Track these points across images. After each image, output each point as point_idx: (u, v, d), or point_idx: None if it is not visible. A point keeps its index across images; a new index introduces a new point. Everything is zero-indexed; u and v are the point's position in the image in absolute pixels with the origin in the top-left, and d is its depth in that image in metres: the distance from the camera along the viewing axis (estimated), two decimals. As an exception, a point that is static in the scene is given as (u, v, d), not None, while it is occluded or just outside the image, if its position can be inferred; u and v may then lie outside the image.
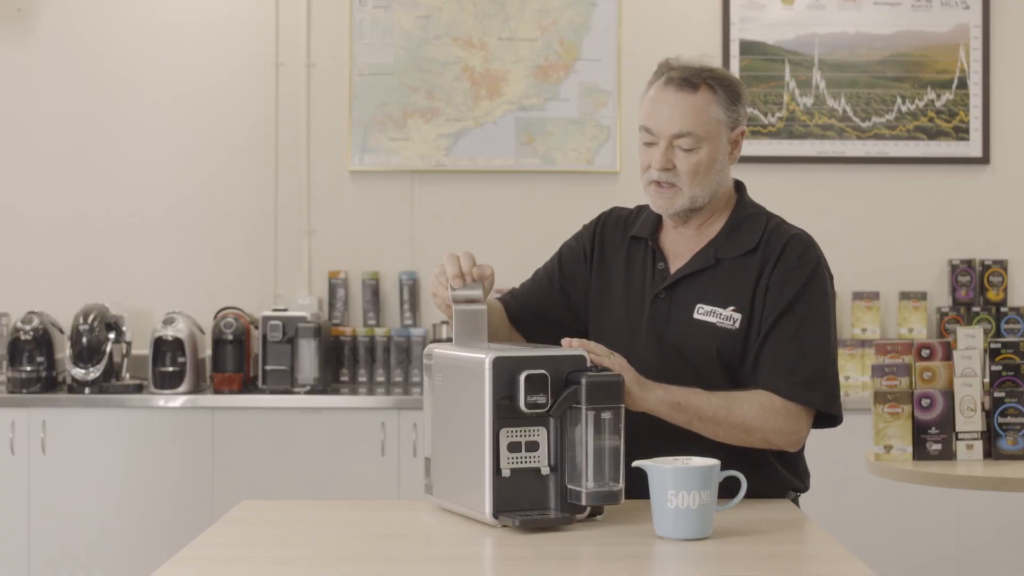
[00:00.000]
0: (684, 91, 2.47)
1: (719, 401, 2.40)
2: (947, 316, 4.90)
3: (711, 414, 2.38)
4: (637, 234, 2.62)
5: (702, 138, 2.47)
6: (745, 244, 2.52)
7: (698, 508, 2.10)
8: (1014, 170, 5.02)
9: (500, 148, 4.97)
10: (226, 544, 2.13)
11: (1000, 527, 4.45)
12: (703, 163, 2.47)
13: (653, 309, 2.53)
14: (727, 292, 2.49)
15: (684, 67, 2.50)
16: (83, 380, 4.59)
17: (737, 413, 2.40)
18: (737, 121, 2.52)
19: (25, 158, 5.00)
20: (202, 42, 5.00)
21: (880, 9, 4.99)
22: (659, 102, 2.49)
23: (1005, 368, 3.42)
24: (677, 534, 2.12)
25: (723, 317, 2.48)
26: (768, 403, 2.42)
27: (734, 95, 2.51)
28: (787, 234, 2.52)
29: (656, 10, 5.01)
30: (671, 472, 2.12)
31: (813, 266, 2.49)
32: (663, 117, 2.47)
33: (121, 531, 4.47)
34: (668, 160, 2.48)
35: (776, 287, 2.47)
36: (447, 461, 2.28)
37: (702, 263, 2.52)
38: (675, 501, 2.10)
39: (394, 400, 4.52)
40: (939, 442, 3.34)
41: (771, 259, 2.49)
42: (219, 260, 5.00)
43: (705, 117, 2.47)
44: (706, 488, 2.11)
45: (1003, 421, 3.36)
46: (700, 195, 2.50)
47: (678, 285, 2.53)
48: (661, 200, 2.51)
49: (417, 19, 4.97)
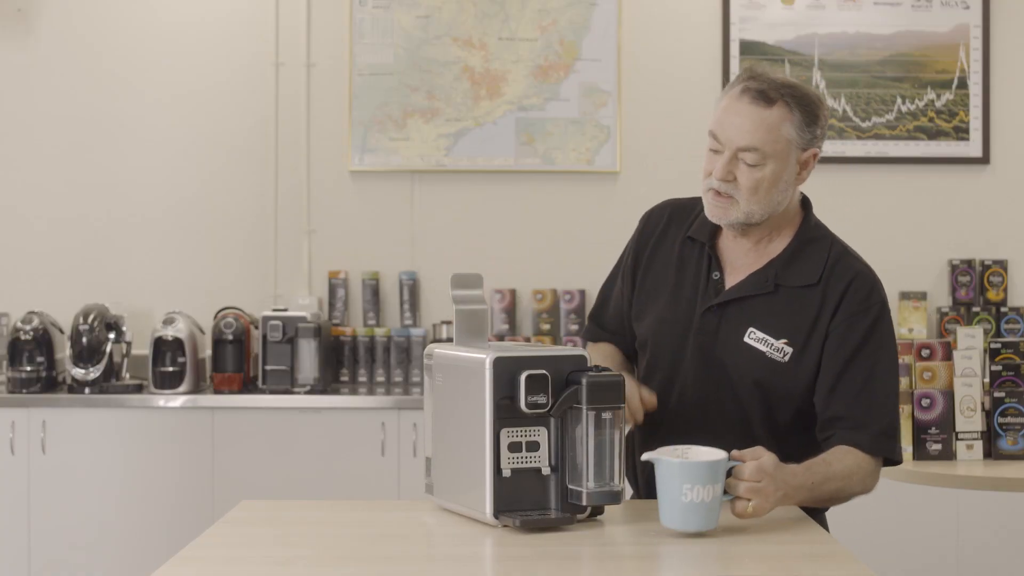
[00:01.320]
0: (759, 104, 2.38)
1: (830, 471, 2.36)
2: (947, 316, 4.90)
3: (834, 488, 2.36)
4: (694, 235, 2.54)
5: (768, 155, 2.38)
6: (807, 275, 2.44)
7: (709, 501, 2.12)
8: (1014, 170, 5.02)
9: (500, 148, 4.97)
10: (226, 544, 2.13)
11: (1000, 527, 4.45)
12: (765, 180, 2.39)
13: (703, 321, 2.47)
14: (782, 323, 2.42)
15: (764, 78, 2.40)
16: (83, 380, 4.59)
17: (846, 481, 2.37)
18: (811, 142, 2.42)
19: (25, 158, 5.00)
20: (202, 42, 5.00)
21: (880, 9, 4.99)
22: (731, 111, 2.40)
23: (1005, 368, 3.42)
24: (685, 527, 2.14)
25: (774, 348, 2.42)
26: (856, 460, 2.38)
27: (811, 116, 2.40)
28: (851, 271, 2.44)
29: (656, 10, 5.01)
30: (679, 467, 2.13)
31: (878, 309, 2.42)
32: (732, 127, 2.39)
33: (121, 531, 4.47)
34: (730, 172, 2.39)
35: (840, 332, 2.40)
36: (447, 461, 2.28)
37: (760, 287, 2.45)
38: (690, 495, 2.11)
39: (394, 400, 4.52)
40: (939, 442, 3.34)
41: (833, 298, 2.41)
42: (219, 260, 5.00)
43: (775, 135, 2.38)
44: (716, 482, 2.13)
45: (1003, 421, 3.36)
46: (757, 212, 2.41)
47: (732, 303, 2.46)
48: (716, 209, 2.43)
49: (417, 19, 4.97)
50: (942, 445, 3.34)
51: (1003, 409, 3.36)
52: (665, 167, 4.97)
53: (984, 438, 3.36)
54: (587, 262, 4.95)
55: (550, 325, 4.94)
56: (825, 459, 2.37)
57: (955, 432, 3.35)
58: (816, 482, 2.32)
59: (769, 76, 2.41)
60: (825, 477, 2.34)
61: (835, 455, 2.38)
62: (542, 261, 5.01)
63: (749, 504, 2.19)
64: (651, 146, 5.00)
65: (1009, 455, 3.35)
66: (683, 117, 5.00)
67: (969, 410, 3.35)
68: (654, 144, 5.00)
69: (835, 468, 2.36)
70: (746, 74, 2.43)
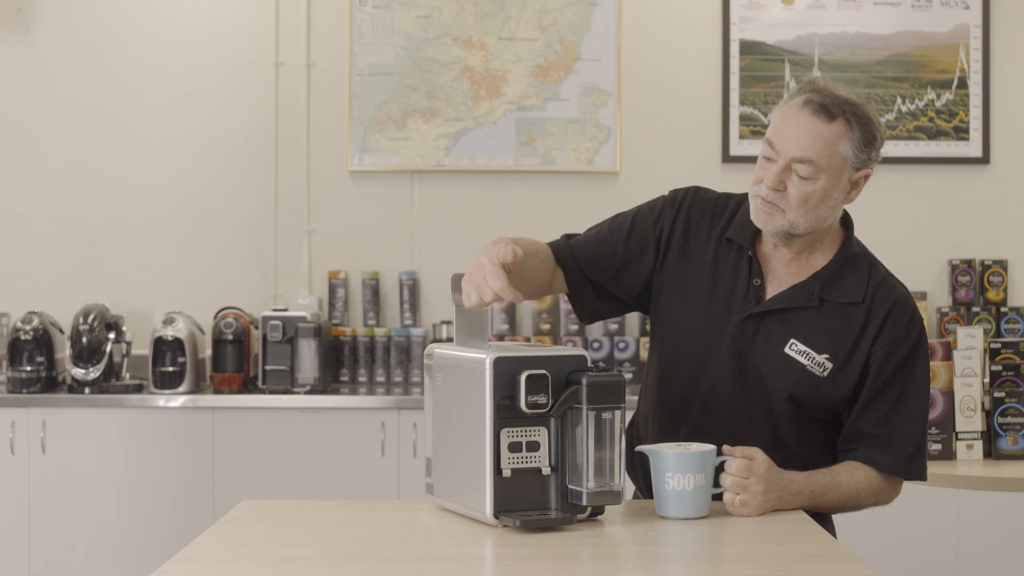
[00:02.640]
0: (819, 117, 2.36)
1: (835, 482, 2.40)
2: (947, 316, 4.90)
3: (838, 499, 2.40)
4: (734, 237, 2.50)
5: (822, 169, 2.36)
6: (851, 293, 2.44)
7: (691, 490, 2.23)
8: (1014, 170, 5.02)
9: (500, 148, 4.97)
10: (226, 544, 2.13)
11: (1000, 527, 4.45)
12: (815, 195, 2.37)
13: (741, 327, 2.45)
14: (825, 338, 2.42)
15: (827, 92, 2.38)
16: (83, 380, 4.59)
17: (853, 494, 2.42)
18: (865, 163, 2.40)
19: (25, 158, 5.00)
20: (202, 42, 5.00)
21: (880, 9, 4.99)
22: (790, 121, 2.38)
23: (1005, 368, 3.42)
24: (666, 513, 2.25)
25: (815, 362, 2.41)
26: (868, 476, 2.42)
27: (869, 136, 2.38)
28: (893, 294, 2.45)
29: (656, 10, 5.01)
30: (663, 456, 2.25)
31: (918, 334, 2.44)
32: (790, 137, 2.36)
33: (121, 531, 4.47)
34: (781, 181, 2.37)
35: (882, 355, 2.42)
36: (448, 461, 2.28)
37: (805, 300, 2.44)
38: (672, 483, 2.23)
39: (394, 400, 4.52)
40: (939, 442, 3.34)
41: (876, 320, 2.42)
42: (219, 260, 5.00)
43: (832, 150, 2.36)
44: (698, 472, 2.23)
45: (1003, 421, 3.36)
46: (802, 224, 2.40)
47: (773, 313, 2.44)
48: (762, 215, 2.41)
49: (417, 19, 4.97)
50: (942, 445, 3.34)
51: (1003, 409, 3.36)
52: (665, 167, 4.97)
53: (984, 438, 3.36)
54: (587, 262, 4.94)
55: (550, 325, 4.94)
56: (832, 470, 2.40)
57: (955, 432, 3.35)
58: (817, 491, 2.36)
59: (832, 91, 2.39)
60: (827, 487, 2.37)
61: (845, 468, 2.41)
62: (542, 261, 5.00)
63: (736, 498, 2.26)
64: (651, 146, 5.00)
65: (1009, 455, 3.35)
66: (683, 117, 5.00)
67: (969, 410, 3.35)
68: (654, 144, 5.00)
69: (841, 479, 2.39)
70: (809, 86, 2.41)
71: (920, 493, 4.28)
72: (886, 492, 2.45)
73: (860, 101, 2.41)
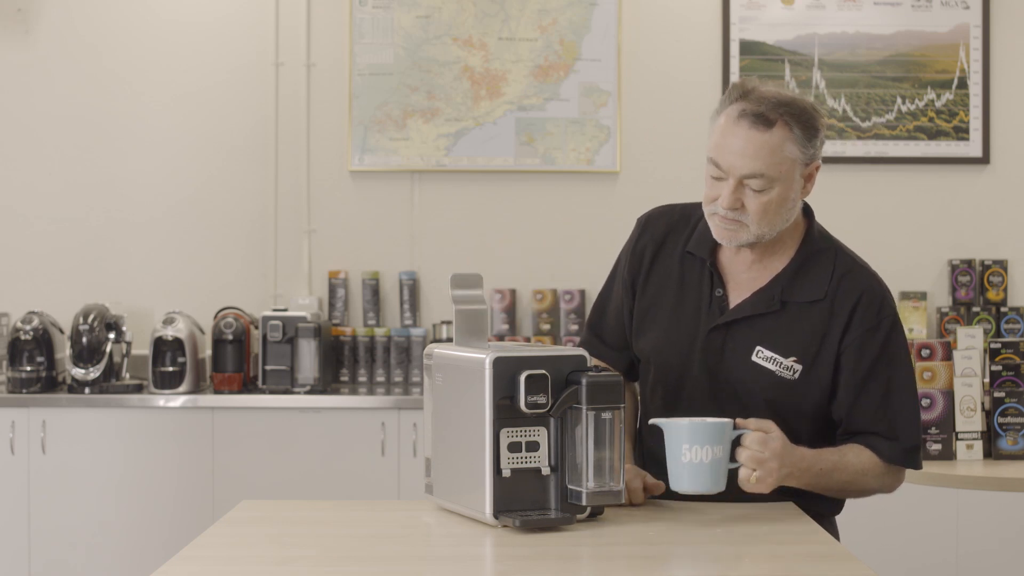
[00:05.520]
0: (758, 128, 2.30)
1: (843, 461, 2.37)
2: (947, 316, 4.90)
3: (844, 479, 2.37)
4: (694, 251, 2.48)
5: (774, 179, 2.32)
6: (813, 291, 2.40)
7: (708, 462, 2.19)
8: (1014, 170, 5.02)
9: (500, 148, 4.97)
10: (226, 544, 2.13)
11: (1000, 527, 4.45)
12: (773, 203, 2.33)
13: (708, 340, 2.42)
14: (790, 341, 2.39)
15: (760, 98, 2.33)
16: (83, 380, 4.59)
17: (859, 475, 2.39)
18: (813, 156, 2.36)
19: (25, 158, 5.00)
20: (202, 42, 5.00)
21: (880, 9, 4.99)
22: (730, 136, 2.32)
23: (1005, 368, 3.42)
24: (680, 486, 2.22)
25: (783, 367, 2.39)
26: (873, 459, 2.39)
27: (811, 130, 2.34)
28: (859, 286, 2.41)
29: (656, 10, 5.01)
30: (679, 427, 2.21)
31: (890, 323, 2.40)
32: (734, 154, 2.31)
33: (121, 531, 4.47)
34: (737, 200, 2.33)
35: (855, 349, 2.38)
36: (447, 461, 2.28)
37: (766, 306, 2.41)
38: (688, 455, 2.19)
39: (394, 400, 4.52)
40: (939, 442, 3.34)
41: (843, 315, 2.38)
42: (219, 260, 5.00)
43: (779, 157, 2.31)
44: (718, 443, 2.19)
45: (1003, 421, 3.36)
46: (768, 232, 2.37)
47: (738, 321, 2.41)
48: (725, 233, 2.37)
49: (417, 19, 4.97)
50: (942, 445, 3.34)
51: (1003, 409, 3.36)
52: (665, 167, 4.97)
53: (984, 438, 3.36)
54: (587, 262, 4.95)
55: (550, 325, 4.94)
56: (840, 450, 2.38)
57: (955, 432, 3.35)
58: (825, 468, 2.33)
59: (763, 94, 2.33)
60: (835, 466, 2.34)
61: (852, 449, 2.39)
62: (542, 261, 5.01)
63: (753, 474, 2.22)
64: (651, 146, 5.00)
65: (1009, 455, 3.35)
66: (683, 117, 5.00)
67: (969, 410, 3.35)
68: (654, 144, 5.00)
69: (848, 459, 2.37)
70: (737, 91, 2.36)
71: (920, 493, 4.28)
72: (890, 478, 2.43)
73: (792, 96, 2.35)
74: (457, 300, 2.36)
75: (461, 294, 2.37)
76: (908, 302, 4.90)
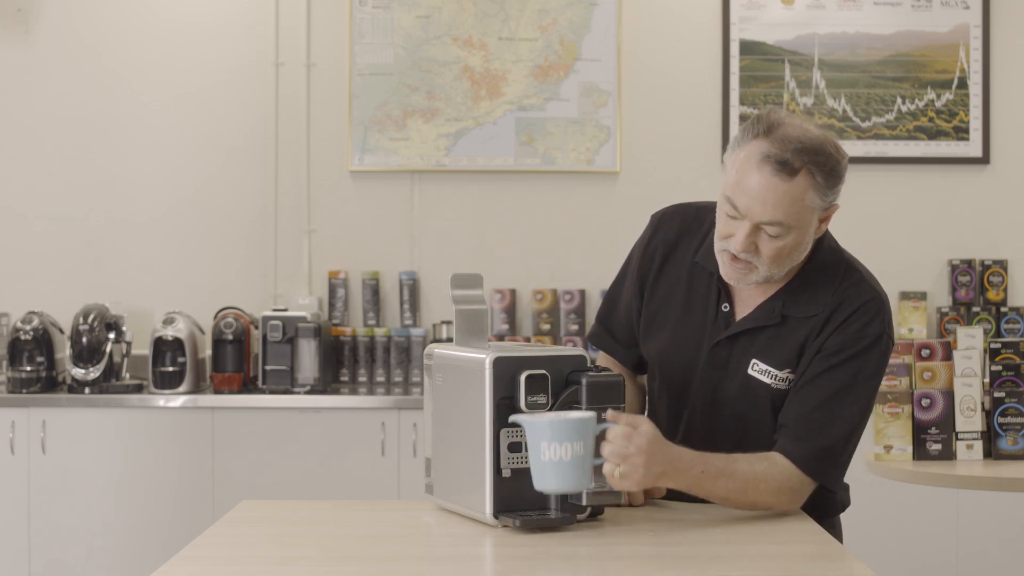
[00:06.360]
0: (780, 176, 2.22)
1: (730, 469, 2.25)
2: (947, 316, 4.90)
3: (730, 488, 2.24)
4: (703, 262, 2.43)
5: (792, 227, 2.25)
6: (814, 305, 2.35)
7: (568, 460, 2.06)
8: (1014, 170, 5.02)
9: (500, 148, 4.97)
10: (226, 544, 2.13)
11: (1000, 527, 4.45)
12: (787, 247, 2.28)
13: (712, 355, 2.39)
14: (786, 353, 2.35)
15: (785, 140, 2.23)
16: (83, 380, 4.59)
17: (749, 484, 2.26)
18: (832, 201, 2.30)
19: (25, 158, 5.00)
20: (202, 42, 5.00)
21: (880, 9, 4.99)
22: (751, 180, 2.24)
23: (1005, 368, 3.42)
24: (541, 486, 2.09)
25: (778, 379, 2.35)
26: (774, 468, 2.27)
27: (834, 178, 2.27)
28: (858, 300, 2.34)
29: (656, 10, 5.01)
30: (536, 424, 2.07)
31: (872, 340, 2.32)
32: (754, 199, 2.24)
33: (121, 531, 4.47)
34: (751, 243, 2.27)
35: (830, 347, 2.31)
36: (447, 461, 2.28)
37: (766, 318, 2.36)
38: (548, 453, 2.06)
39: (394, 400, 4.52)
40: (939, 442, 3.34)
41: (833, 324, 2.33)
42: (219, 260, 5.00)
43: (799, 206, 2.24)
44: (579, 439, 2.06)
45: (1003, 421, 3.36)
46: (777, 273, 2.32)
47: (740, 335, 2.38)
48: (734, 273, 2.32)
49: (417, 19, 4.97)
50: (942, 445, 3.34)
51: (1003, 409, 3.36)
52: (665, 167, 4.97)
53: (984, 438, 3.36)
54: (587, 262, 4.95)
55: (550, 325, 4.94)
56: (733, 457, 2.26)
57: (955, 432, 3.35)
58: (708, 472, 2.21)
59: (788, 135, 2.24)
60: (720, 472, 2.22)
61: (751, 457, 2.28)
62: (542, 261, 5.01)
63: (616, 470, 2.11)
64: (651, 146, 5.00)
65: (1009, 455, 3.35)
66: (683, 117, 5.00)
67: (969, 410, 3.35)
68: (654, 144, 5.00)
69: (739, 467, 2.25)
70: (763, 126, 2.26)
71: (920, 493, 4.28)
72: (788, 495, 2.28)
73: (817, 139, 2.25)
74: (457, 300, 2.36)
75: (461, 294, 2.37)
76: (908, 302, 4.90)
